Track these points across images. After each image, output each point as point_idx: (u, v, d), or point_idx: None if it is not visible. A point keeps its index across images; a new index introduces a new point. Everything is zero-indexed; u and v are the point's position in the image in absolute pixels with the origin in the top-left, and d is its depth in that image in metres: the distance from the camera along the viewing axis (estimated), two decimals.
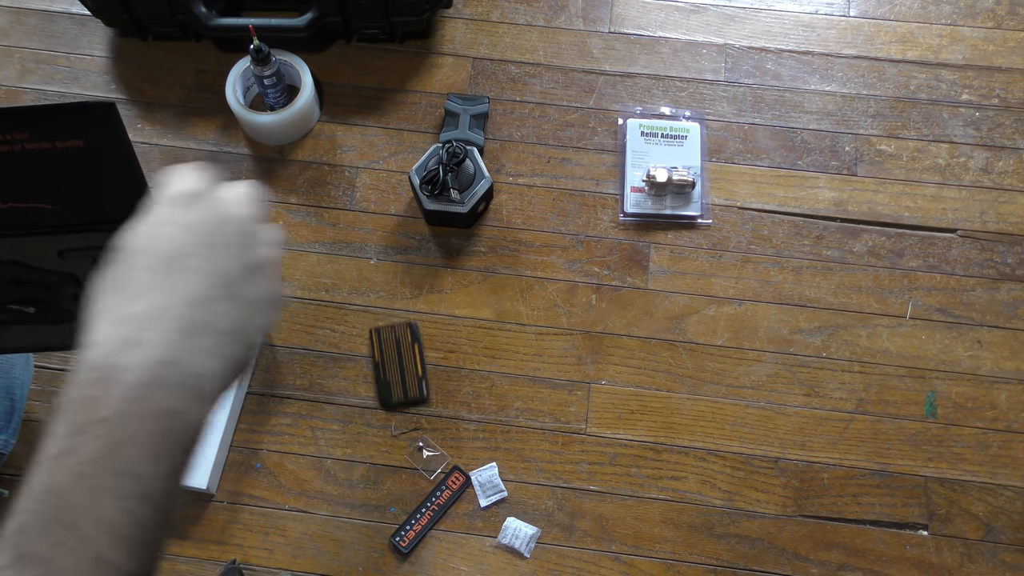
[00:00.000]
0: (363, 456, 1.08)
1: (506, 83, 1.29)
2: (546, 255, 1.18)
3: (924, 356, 1.12)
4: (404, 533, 1.03)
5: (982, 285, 1.16)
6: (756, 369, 1.12)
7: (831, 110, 1.26)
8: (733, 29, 1.32)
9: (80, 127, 0.44)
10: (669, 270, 1.17)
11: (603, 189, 1.22)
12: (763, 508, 1.05)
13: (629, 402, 1.10)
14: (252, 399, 1.10)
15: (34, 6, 1.34)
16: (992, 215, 1.20)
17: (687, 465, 1.08)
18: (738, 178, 1.22)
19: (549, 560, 1.03)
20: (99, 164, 0.45)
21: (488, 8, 1.34)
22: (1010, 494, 1.06)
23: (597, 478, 1.07)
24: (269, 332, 0.43)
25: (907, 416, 1.10)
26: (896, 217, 1.20)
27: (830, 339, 1.13)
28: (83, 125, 0.44)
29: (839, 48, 1.30)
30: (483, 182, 1.13)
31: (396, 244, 1.19)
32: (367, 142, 1.25)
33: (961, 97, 1.27)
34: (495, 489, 1.06)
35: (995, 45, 1.30)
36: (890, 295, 1.15)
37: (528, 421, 1.09)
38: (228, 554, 1.04)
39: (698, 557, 1.03)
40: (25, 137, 0.44)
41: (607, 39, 1.32)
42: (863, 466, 1.07)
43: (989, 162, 1.23)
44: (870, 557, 1.03)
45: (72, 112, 0.43)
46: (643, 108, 1.26)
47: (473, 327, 1.14)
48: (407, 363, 1.11)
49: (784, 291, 1.16)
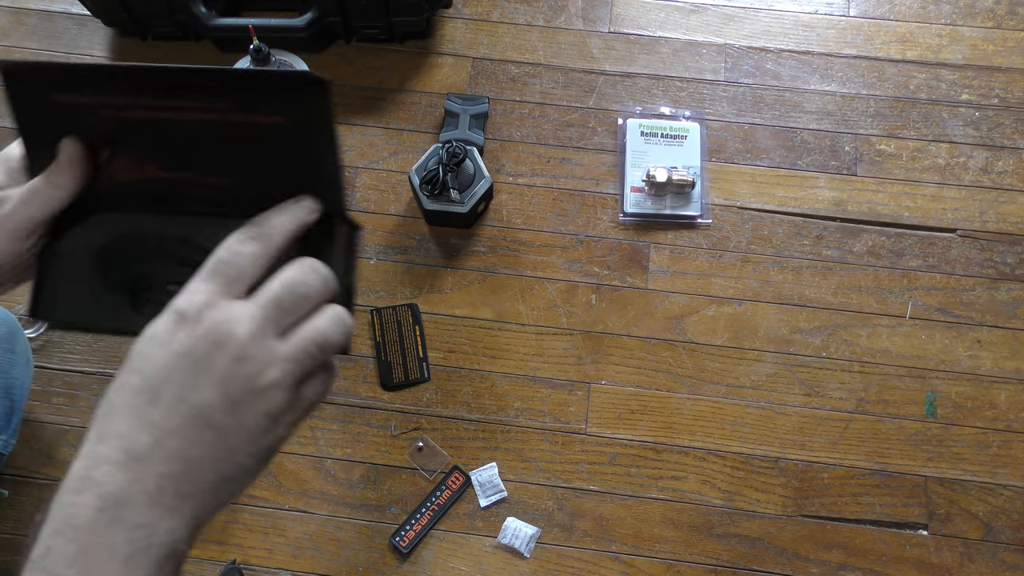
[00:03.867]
0: (363, 456, 1.08)
1: (506, 83, 1.29)
2: (546, 255, 1.18)
3: (924, 356, 1.12)
4: (404, 533, 1.03)
5: (982, 285, 1.16)
6: (756, 369, 1.12)
7: (831, 110, 1.26)
8: (733, 29, 1.32)
9: (287, 102, 0.39)
10: (669, 270, 1.17)
11: (603, 189, 1.22)
12: (763, 508, 1.06)
13: (629, 402, 1.10)
14: None
15: (34, 6, 1.34)
16: (992, 215, 1.20)
17: (687, 465, 1.08)
18: (738, 178, 1.22)
19: (549, 560, 1.03)
20: (298, 147, 0.40)
21: (488, 8, 1.34)
22: (1010, 494, 1.06)
23: (597, 478, 1.07)
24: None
25: (907, 416, 1.10)
26: (896, 217, 1.20)
27: (830, 339, 1.13)
28: (291, 100, 0.39)
29: (839, 48, 1.31)
30: (483, 182, 1.13)
31: (396, 244, 1.19)
32: (367, 142, 1.25)
33: (961, 97, 1.27)
34: (495, 489, 1.06)
35: (995, 45, 1.30)
36: (890, 295, 1.16)
37: (528, 421, 1.09)
38: (228, 554, 1.04)
39: (698, 557, 1.03)
40: (226, 106, 0.39)
41: (607, 39, 1.32)
42: (863, 466, 1.07)
43: (989, 162, 1.23)
44: (870, 557, 1.03)
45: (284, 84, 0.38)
46: (643, 108, 1.26)
47: (473, 327, 1.14)
48: (408, 344, 1.11)
49: (784, 291, 1.16)
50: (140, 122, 0.41)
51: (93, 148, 0.43)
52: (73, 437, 1.09)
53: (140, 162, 0.43)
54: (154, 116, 0.41)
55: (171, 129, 0.41)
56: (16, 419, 0.99)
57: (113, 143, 0.43)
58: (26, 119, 0.42)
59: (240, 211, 0.41)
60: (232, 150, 0.41)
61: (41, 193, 0.42)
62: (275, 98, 0.39)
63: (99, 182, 0.44)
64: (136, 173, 0.43)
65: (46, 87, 0.41)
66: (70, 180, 0.42)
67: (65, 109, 0.42)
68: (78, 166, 0.42)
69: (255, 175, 0.42)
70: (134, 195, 0.44)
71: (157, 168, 0.43)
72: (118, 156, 0.43)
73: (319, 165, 0.41)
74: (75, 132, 0.42)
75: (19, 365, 0.98)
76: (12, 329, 0.97)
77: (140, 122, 0.41)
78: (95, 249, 0.45)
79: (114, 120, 0.41)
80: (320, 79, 0.37)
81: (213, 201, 0.43)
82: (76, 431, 1.09)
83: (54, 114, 0.42)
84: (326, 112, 0.39)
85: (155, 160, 0.43)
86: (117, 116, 0.41)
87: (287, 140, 0.40)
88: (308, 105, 0.39)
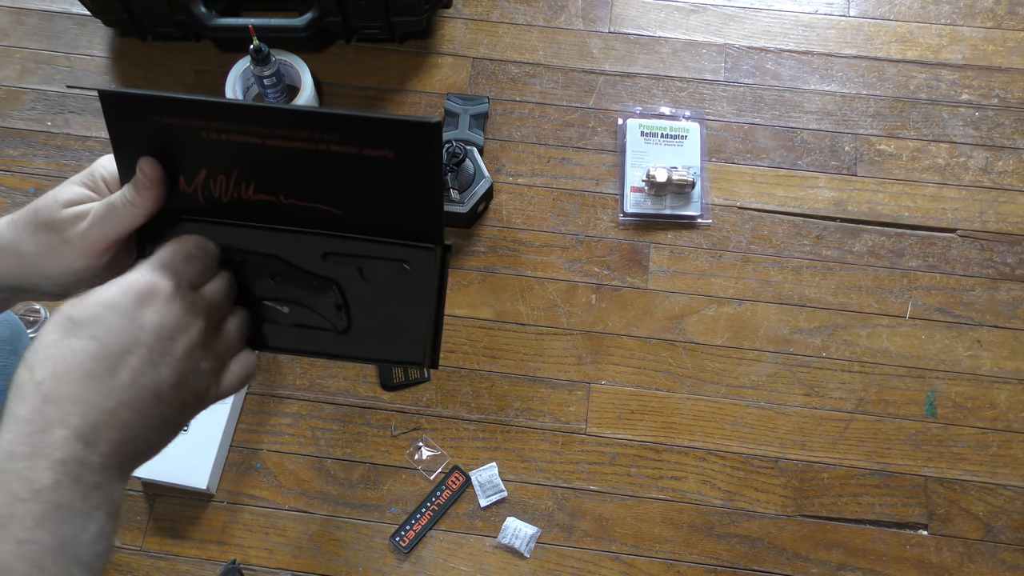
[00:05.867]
0: (363, 456, 1.08)
1: (506, 83, 1.29)
2: (546, 255, 1.18)
3: (924, 356, 1.12)
4: (404, 533, 1.03)
5: (982, 285, 1.16)
6: (756, 369, 1.12)
7: (831, 110, 1.26)
8: (733, 29, 1.32)
9: (397, 140, 0.40)
10: (669, 270, 1.17)
11: (603, 189, 1.22)
12: (763, 508, 1.06)
13: (629, 402, 1.10)
14: (252, 399, 1.10)
15: (34, 6, 1.34)
16: (992, 215, 1.20)
17: (687, 465, 1.08)
18: (738, 178, 1.22)
19: (549, 560, 1.03)
20: (403, 180, 0.41)
21: (488, 8, 1.34)
22: (1010, 494, 1.06)
23: (597, 478, 1.07)
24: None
25: (907, 416, 1.10)
26: (896, 217, 1.20)
27: (830, 339, 1.13)
28: (402, 139, 0.40)
29: (839, 48, 1.31)
30: (483, 182, 1.13)
31: None
32: None
33: (961, 97, 1.27)
34: (495, 489, 1.06)
35: (995, 45, 1.30)
36: (890, 295, 1.16)
37: (528, 421, 1.09)
38: (228, 554, 1.04)
39: (698, 557, 1.03)
40: (335, 138, 0.40)
41: (607, 39, 1.32)
42: (863, 466, 1.07)
43: (989, 162, 1.23)
44: (870, 557, 1.03)
45: (397, 127, 0.39)
46: (643, 108, 1.26)
47: (473, 327, 1.14)
48: None
49: (784, 291, 1.16)
50: (242, 146, 0.41)
51: (185, 168, 0.43)
52: None
53: (238, 184, 0.43)
54: (257, 143, 0.41)
55: (273, 155, 0.41)
56: None
57: (211, 165, 0.43)
58: (119, 134, 0.42)
59: (332, 228, 0.43)
60: (336, 177, 0.42)
61: (119, 211, 0.42)
62: (383, 135, 0.40)
63: (193, 201, 0.44)
64: (233, 194, 0.43)
65: (146, 109, 0.41)
66: (147, 200, 0.42)
67: (164, 130, 0.42)
68: (156, 186, 0.42)
69: (353, 203, 0.43)
70: (230, 213, 0.44)
71: (255, 191, 0.43)
72: (216, 178, 0.43)
73: (420, 199, 0.42)
74: (169, 150, 0.42)
75: None
76: (16, 330, 0.97)
77: (242, 146, 0.41)
78: None
79: (214, 143, 0.41)
80: (431, 122, 0.39)
81: (309, 222, 0.44)
82: None
83: (150, 132, 0.42)
84: (437, 151, 0.40)
85: (254, 182, 0.43)
86: (218, 139, 0.41)
87: (391, 174, 0.41)
88: (417, 144, 0.40)
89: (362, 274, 0.45)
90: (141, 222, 0.43)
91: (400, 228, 0.44)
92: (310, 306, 0.46)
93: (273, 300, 0.45)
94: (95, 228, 0.42)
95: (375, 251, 0.45)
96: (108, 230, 0.42)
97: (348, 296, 0.45)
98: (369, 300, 0.45)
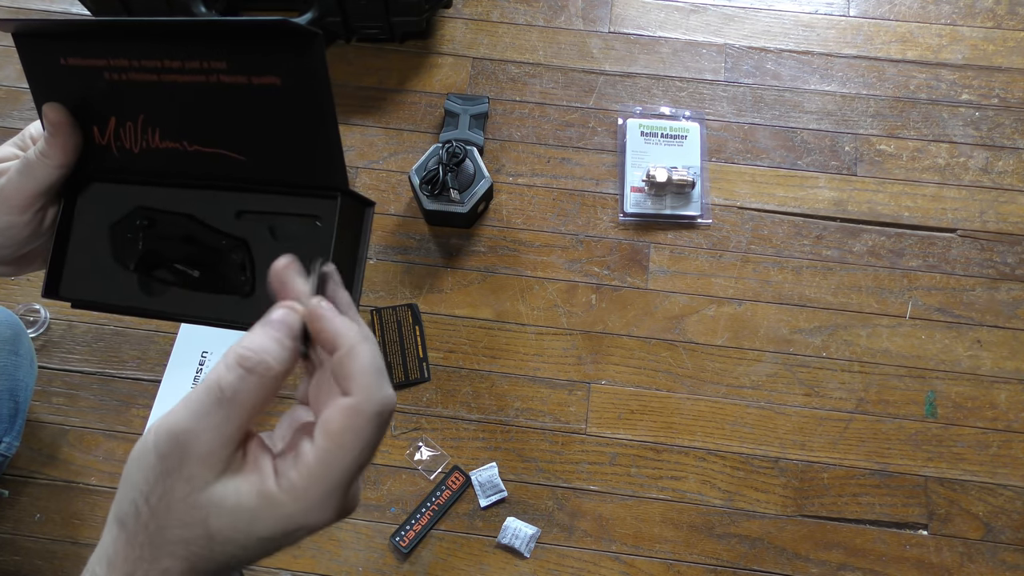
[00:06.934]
0: None
1: (506, 83, 1.29)
2: (546, 255, 1.18)
3: (924, 356, 1.12)
4: (404, 533, 1.03)
5: (982, 285, 1.16)
6: (756, 369, 1.12)
7: (831, 110, 1.26)
8: (733, 29, 1.32)
9: (279, 60, 0.37)
10: (669, 270, 1.17)
11: (603, 189, 1.22)
12: (763, 508, 1.06)
13: (629, 402, 1.10)
14: None
15: (34, 6, 1.34)
16: (992, 215, 1.20)
17: (687, 465, 1.08)
18: (738, 178, 1.22)
19: (549, 560, 1.03)
20: (293, 111, 0.39)
21: (488, 8, 1.34)
22: (1010, 494, 1.06)
23: (597, 478, 1.07)
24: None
25: (907, 416, 1.10)
26: (896, 217, 1.20)
27: (830, 339, 1.13)
28: (283, 58, 0.37)
29: (839, 48, 1.30)
30: (483, 182, 1.13)
31: (396, 244, 1.19)
32: (367, 142, 1.25)
33: (961, 97, 1.27)
34: (495, 489, 1.06)
35: (995, 45, 1.30)
36: (890, 295, 1.16)
37: (528, 421, 1.09)
38: None
39: (698, 557, 1.03)
40: (222, 67, 0.38)
41: (607, 39, 1.32)
42: (863, 466, 1.07)
43: (989, 162, 1.23)
44: (870, 557, 1.03)
45: (274, 36, 0.37)
46: (643, 108, 1.26)
47: (473, 327, 1.14)
48: (408, 344, 1.11)
49: (784, 291, 1.16)
50: (142, 86, 0.41)
51: (96, 117, 0.43)
52: (73, 437, 1.09)
53: (145, 131, 0.43)
54: (154, 79, 0.41)
55: (171, 93, 0.41)
56: (20, 421, 0.99)
57: (118, 111, 0.42)
58: (37, 86, 0.43)
59: (244, 182, 0.42)
60: (230, 117, 0.40)
61: (34, 165, 0.42)
62: (265, 56, 0.38)
63: (108, 155, 0.44)
64: (142, 143, 0.43)
65: (54, 51, 0.41)
66: (58, 150, 0.42)
67: (72, 74, 0.42)
68: (61, 133, 0.42)
69: (252, 144, 0.41)
70: (142, 168, 0.44)
71: (161, 137, 0.43)
72: (124, 125, 0.43)
73: (315, 132, 0.39)
74: (82, 100, 0.42)
75: (23, 367, 0.98)
76: (17, 331, 0.97)
77: (142, 86, 0.41)
78: (107, 225, 0.45)
79: (117, 84, 0.41)
80: (309, 30, 0.36)
81: (218, 174, 0.42)
82: (76, 431, 1.09)
83: (62, 78, 0.42)
84: (318, 70, 0.37)
85: (158, 127, 0.42)
86: (120, 79, 0.41)
87: (281, 104, 0.39)
88: (301, 62, 0.37)
89: (273, 234, 0.43)
90: (56, 176, 0.42)
91: (303, 173, 0.41)
92: (222, 269, 0.43)
93: (186, 263, 0.44)
94: (11, 183, 0.42)
95: (287, 206, 0.42)
96: (24, 185, 0.42)
97: (257, 258, 0.43)
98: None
